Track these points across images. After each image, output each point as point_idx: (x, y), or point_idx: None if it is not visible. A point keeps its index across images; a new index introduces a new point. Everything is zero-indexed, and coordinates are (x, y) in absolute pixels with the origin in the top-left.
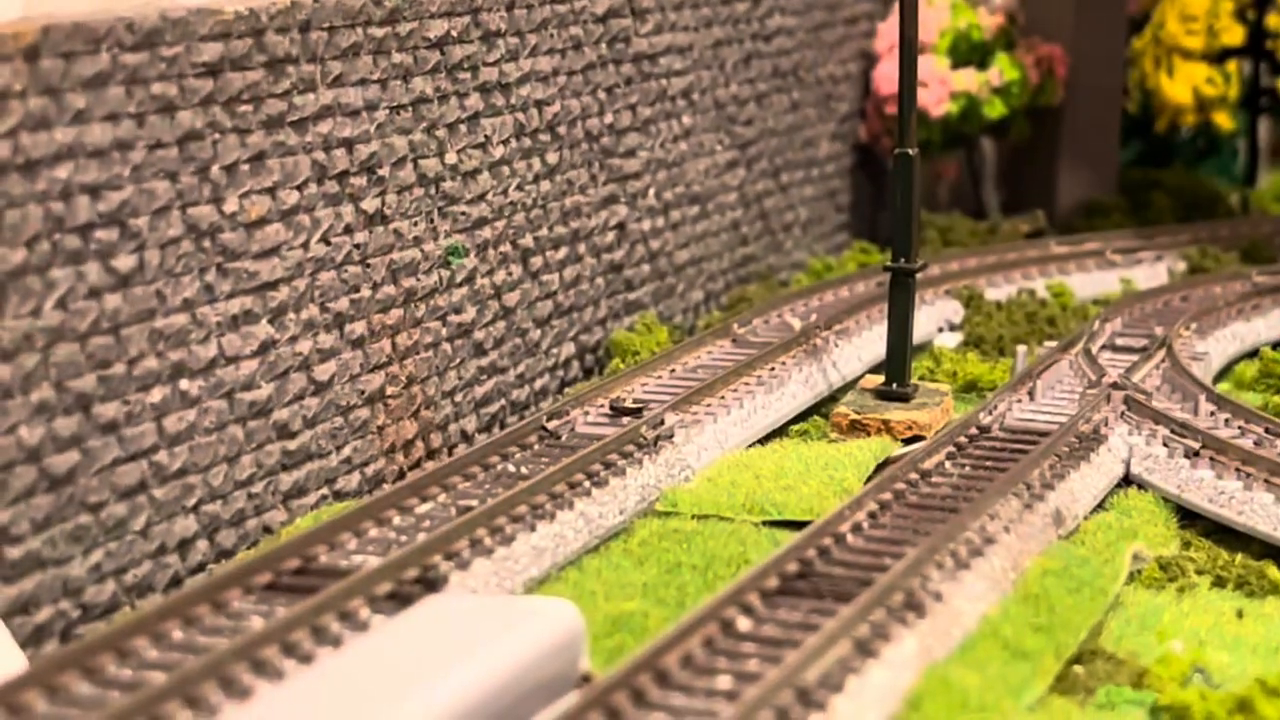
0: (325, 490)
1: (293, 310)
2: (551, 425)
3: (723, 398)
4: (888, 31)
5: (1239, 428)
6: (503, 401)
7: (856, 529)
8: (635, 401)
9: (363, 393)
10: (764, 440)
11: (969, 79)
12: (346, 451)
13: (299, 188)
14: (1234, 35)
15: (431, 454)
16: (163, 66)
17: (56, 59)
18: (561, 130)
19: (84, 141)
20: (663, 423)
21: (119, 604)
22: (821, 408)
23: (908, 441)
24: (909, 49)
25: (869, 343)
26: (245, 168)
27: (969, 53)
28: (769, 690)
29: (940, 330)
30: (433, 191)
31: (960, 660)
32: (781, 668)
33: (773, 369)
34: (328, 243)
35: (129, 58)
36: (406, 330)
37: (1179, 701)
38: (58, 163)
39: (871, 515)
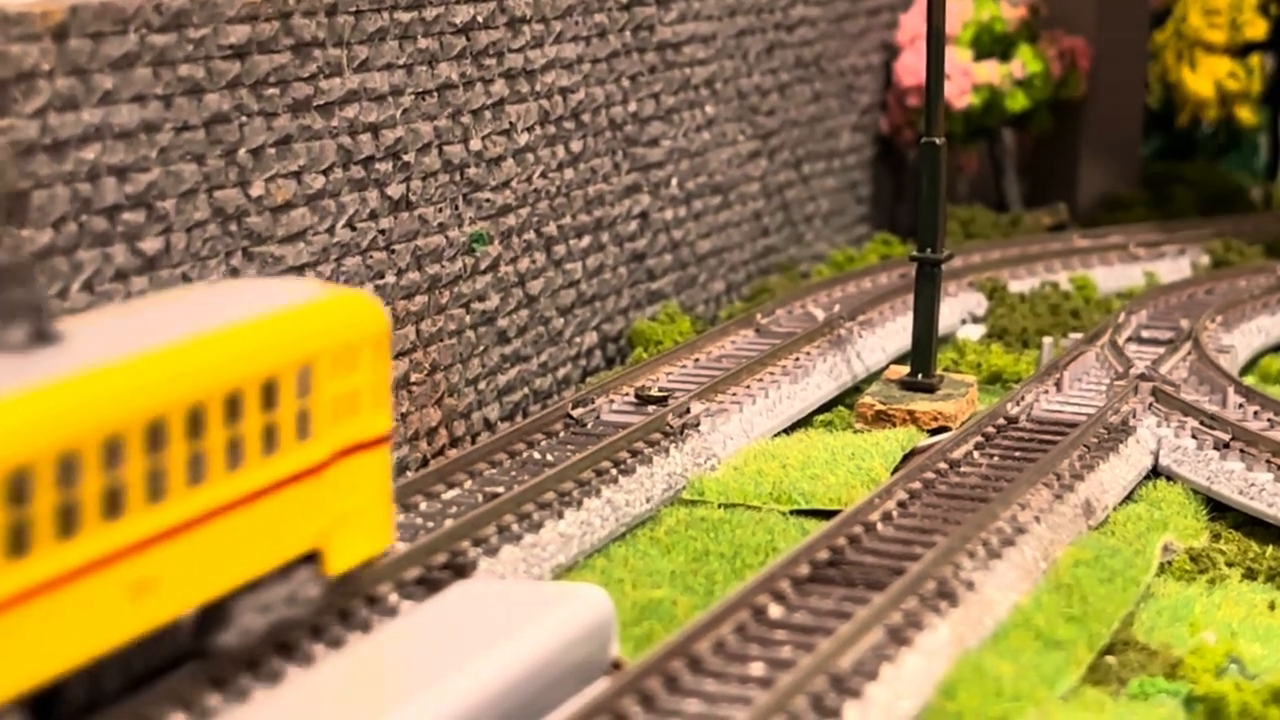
0: None
1: None
2: (577, 413)
3: (748, 387)
4: (909, 23)
5: (1268, 420)
6: (525, 390)
7: (887, 518)
8: (661, 390)
9: None
10: (789, 430)
11: (991, 71)
12: None
13: (325, 172)
14: (1257, 29)
15: (454, 441)
16: (190, 48)
17: (84, 39)
18: (586, 118)
19: (111, 122)
20: (688, 411)
21: None
22: (846, 398)
23: (934, 432)
24: (937, 39)
25: (893, 334)
26: (271, 151)
27: (992, 45)
28: (803, 677)
29: (964, 322)
30: (457, 178)
31: (993, 649)
32: (815, 655)
33: (797, 359)
34: (353, 228)
35: (157, 39)
36: (430, 317)
37: (1214, 692)
38: (85, 144)
39: (901, 504)
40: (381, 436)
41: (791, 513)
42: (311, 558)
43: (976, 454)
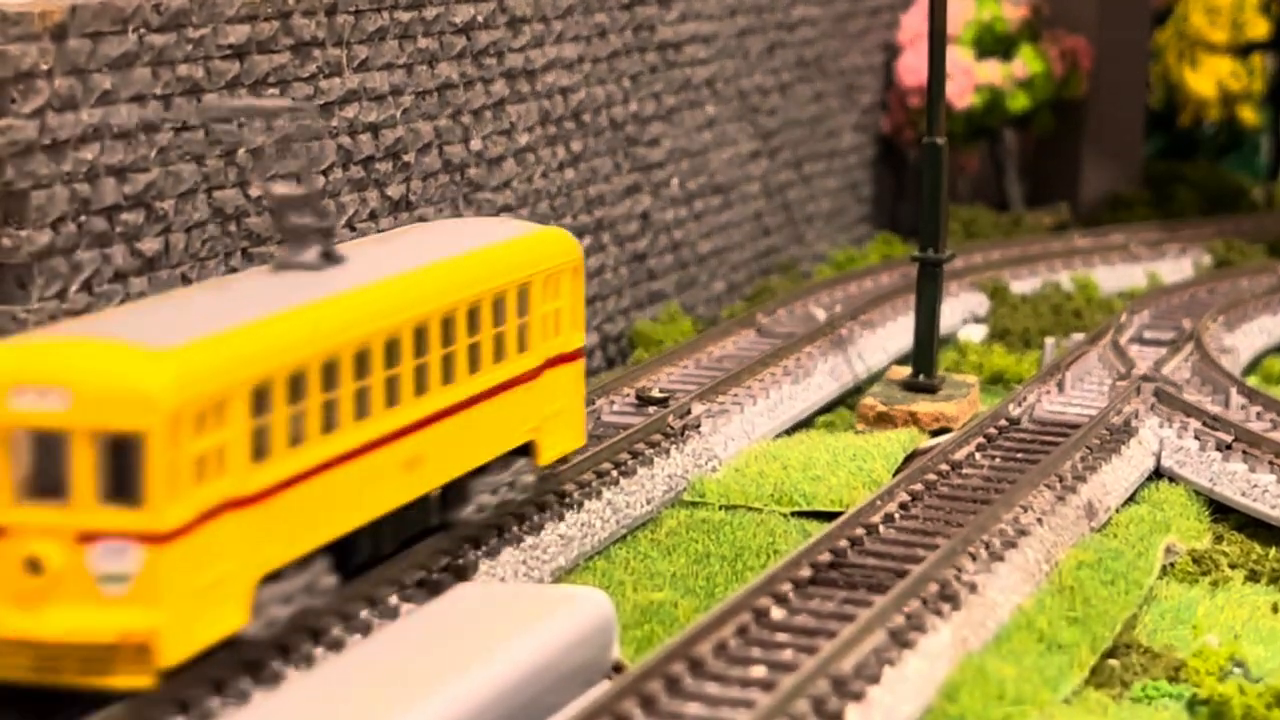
0: None
1: None
2: None
3: (749, 388)
4: (910, 23)
5: (1271, 421)
6: None
7: (888, 519)
8: (661, 391)
9: None
10: (791, 431)
11: (993, 71)
12: None
13: (325, 172)
14: (1259, 28)
15: None
16: (189, 48)
17: (83, 39)
18: (586, 118)
19: (110, 122)
20: (689, 412)
21: None
22: (848, 399)
23: (936, 433)
24: (938, 39)
25: (894, 334)
26: (271, 151)
27: (993, 45)
28: (805, 679)
29: (965, 322)
30: (458, 178)
31: (996, 651)
32: (817, 657)
33: (798, 360)
34: (352, 229)
35: (156, 39)
36: None
37: (1217, 695)
38: (84, 144)
39: (903, 506)
40: (577, 351)
41: (793, 514)
42: (526, 450)
43: (978, 455)
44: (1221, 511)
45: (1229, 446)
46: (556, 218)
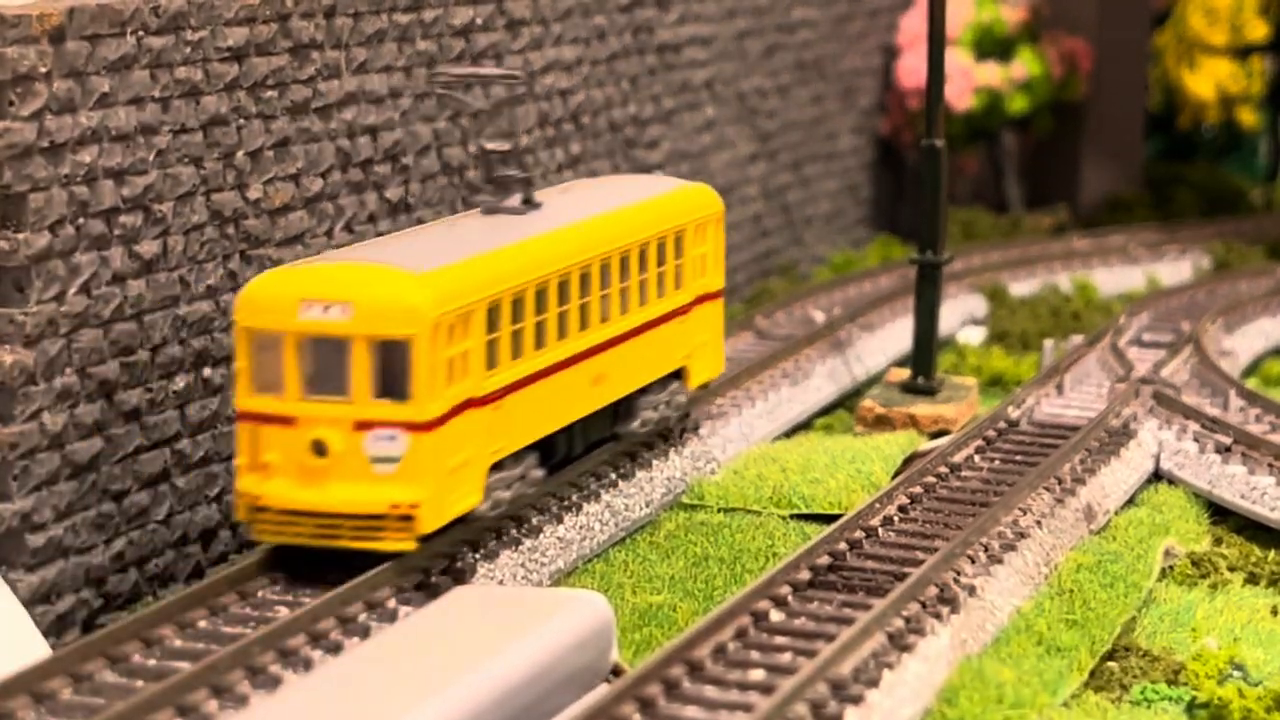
0: None
1: None
2: None
3: (748, 390)
4: (909, 25)
5: (1270, 423)
6: None
7: (887, 522)
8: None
9: None
10: (789, 433)
11: (992, 73)
12: None
13: (323, 175)
14: (1258, 31)
15: None
16: (188, 50)
17: (81, 41)
18: (585, 120)
19: (108, 125)
20: (688, 415)
21: (141, 593)
22: (846, 401)
23: (934, 436)
24: (937, 41)
25: (893, 336)
26: (269, 154)
27: (992, 47)
28: (804, 683)
29: (964, 325)
30: (456, 180)
31: (995, 655)
32: (815, 660)
33: (797, 362)
34: (351, 231)
35: (154, 41)
36: None
37: (1217, 698)
38: (82, 146)
39: (902, 509)
40: (719, 291)
41: (791, 517)
42: (679, 374)
43: (977, 458)
44: (1220, 514)
45: (1228, 449)
46: None
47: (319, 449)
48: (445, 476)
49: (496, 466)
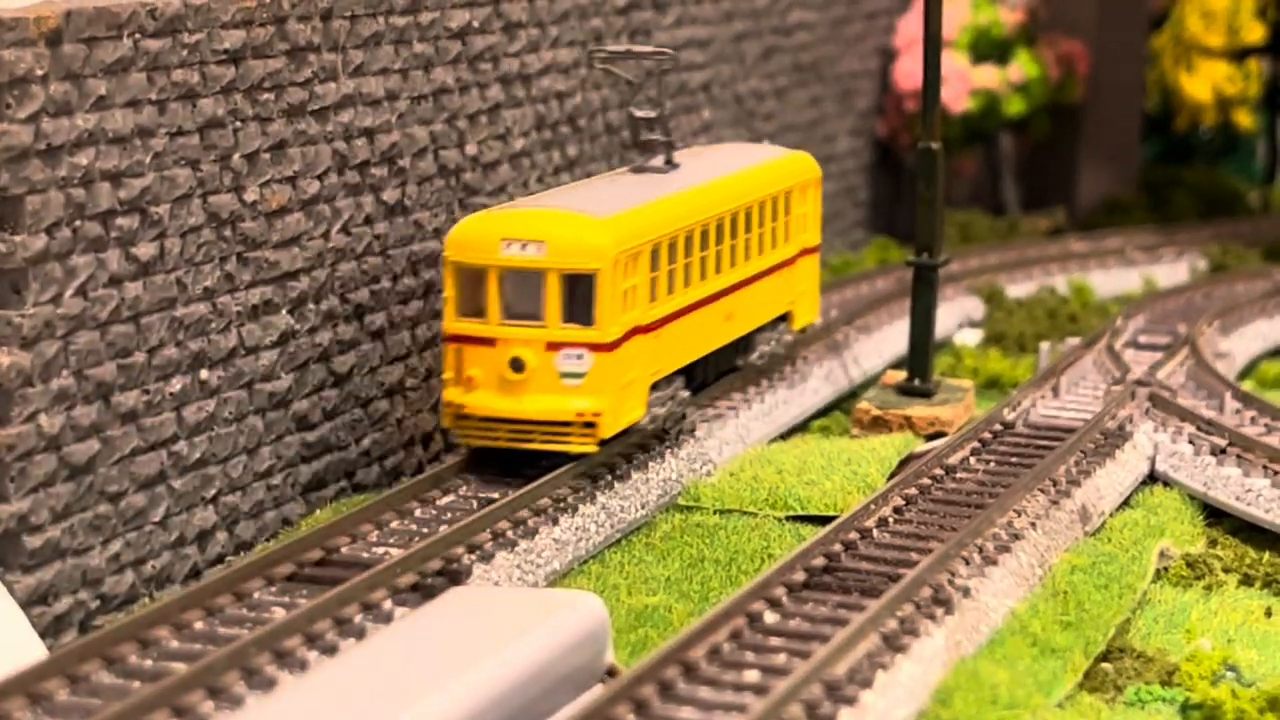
0: (344, 483)
1: (313, 301)
2: None
3: (744, 392)
4: (907, 27)
5: (1265, 425)
6: None
7: (882, 524)
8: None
9: (382, 385)
10: (786, 435)
11: (989, 76)
12: (366, 444)
13: (320, 177)
14: (1254, 33)
15: (450, 447)
16: (184, 53)
17: (78, 44)
18: (582, 123)
19: (105, 127)
20: (684, 416)
21: (138, 595)
22: (843, 403)
23: (930, 438)
24: (934, 43)
25: (890, 338)
26: (266, 156)
27: (989, 49)
28: (798, 684)
29: (961, 327)
30: (453, 183)
31: (989, 656)
32: (810, 662)
33: (794, 364)
34: (348, 233)
35: (151, 44)
36: (426, 322)
37: (1210, 699)
38: (79, 149)
39: (897, 510)
40: (816, 246)
41: (787, 518)
42: (785, 317)
43: (973, 460)
44: (1215, 516)
45: (1223, 451)
46: None
47: (517, 365)
48: (620, 391)
49: (654, 386)
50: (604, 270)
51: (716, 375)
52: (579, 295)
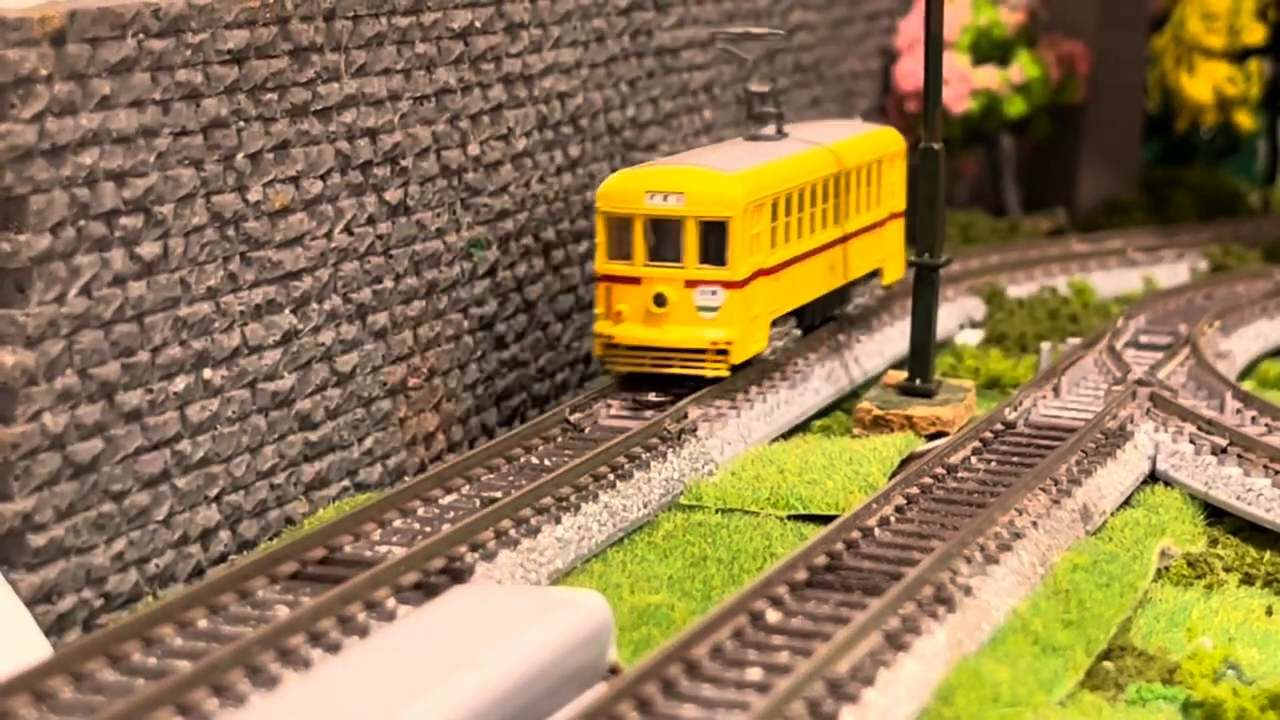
0: (347, 482)
1: (316, 300)
2: (575, 418)
3: (746, 392)
4: (908, 28)
5: (1266, 425)
6: (524, 395)
7: (884, 523)
8: (658, 396)
9: (384, 384)
10: (787, 435)
11: (990, 76)
12: (368, 443)
13: (323, 177)
14: (1255, 34)
15: (452, 447)
16: (188, 53)
17: (82, 44)
18: (584, 123)
19: (109, 127)
20: (686, 417)
21: (141, 593)
22: (844, 403)
23: (931, 437)
24: (935, 44)
25: (891, 339)
26: (269, 156)
27: (990, 50)
28: (800, 682)
29: (962, 327)
30: (455, 183)
31: (991, 654)
32: (812, 660)
33: (795, 364)
34: (351, 233)
35: (155, 44)
36: (429, 322)
37: (1211, 697)
38: (83, 148)
39: (898, 509)
40: (902, 212)
41: (789, 518)
42: (876, 273)
43: (974, 459)
44: (1216, 515)
45: (1224, 451)
46: (554, 222)
47: (659, 301)
48: (747, 324)
49: (774, 322)
50: (735, 218)
51: (821, 321)
52: (713, 240)
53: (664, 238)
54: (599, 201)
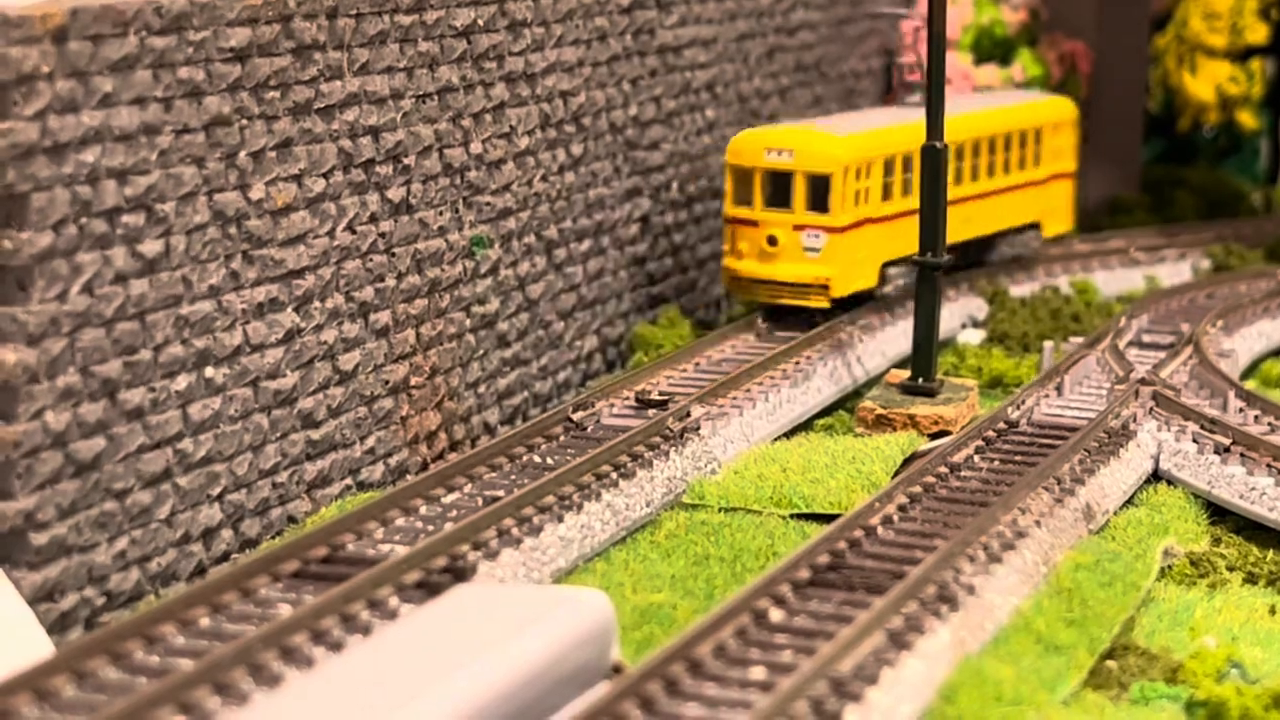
0: (349, 480)
1: (318, 299)
2: (577, 417)
3: (748, 391)
4: (910, 27)
5: (1269, 424)
6: (525, 394)
7: (887, 522)
8: (661, 394)
9: (387, 383)
10: (790, 434)
11: (991, 75)
12: (370, 442)
13: (325, 175)
14: (1257, 33)
15: (454, 445)
16: (190, 51)
17: (84, 41)
18: (586, 122)
19: (111, 125)
20: (689, 415)
21: (143, 592)
22: (846, 402)
23: (934, 436)
24: (937, 43)
25: (893, 338)
26: (272, 154)
27: (992, 49)
28: (804, 681)
29: (964, 326)
30: (458, 181)
31: (994, 653)
32: (815, 659)
33: (798, 363)
34: (353, 231)
35: (157, 41)
36: (431, 321)
37: (1215, 697)
38: (85, 146)
39: (901, 508)
40: (1071, 173)
41: (792, 517)
42: (1035, 226)
43: (977, 458)
44: (1219, 514)
45: (1227, 450)
46: (556, 221)
47: (772, 241)
48: (848, 264)
49: (889, 264)
50: (837, 174)
51: (965, 266)
52: (818, 191)
53: (777, 188)
54: (728, 155)
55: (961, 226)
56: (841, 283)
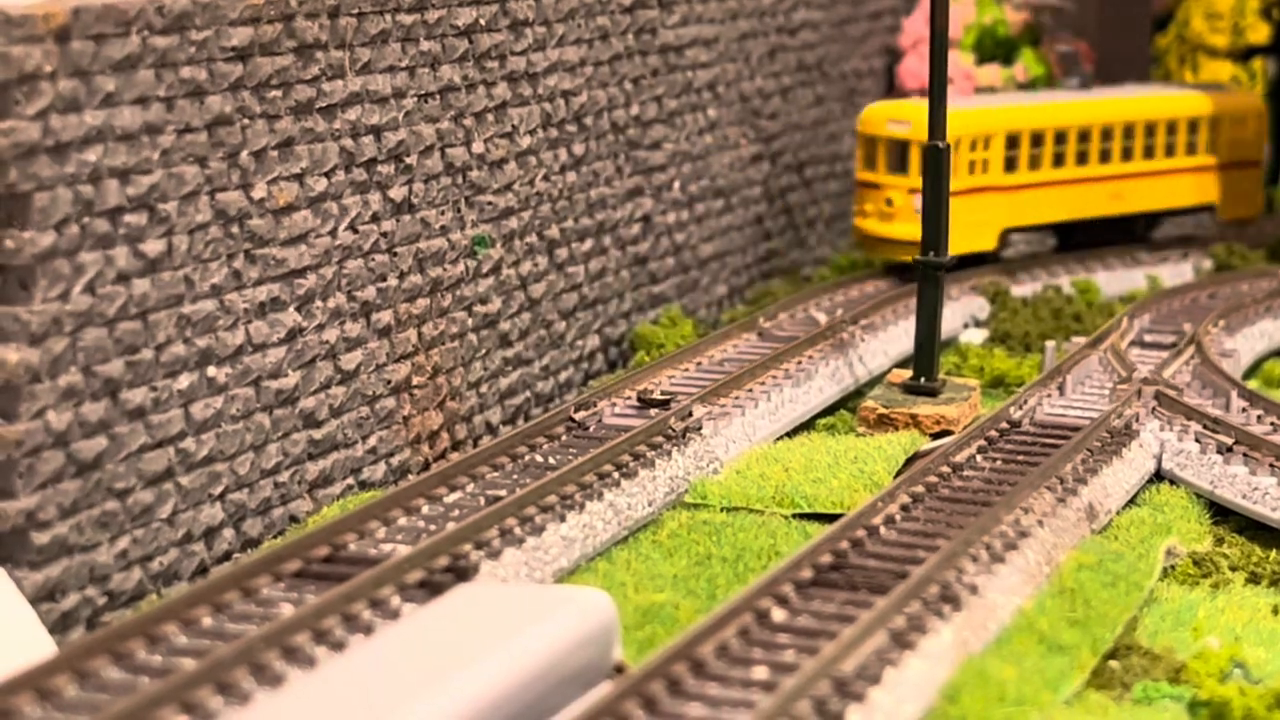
0: (351, 480)
1: (320, 298)
2: (579, 416)
3: (750, 391)
4: (912, 27)
5: (1271, 424)
6: (527, 393)
7: (889, 521)
8: (663, 394)
9: (389, 382)
10: (792, 433)
11: (993, 75)
12: (372, 441)
13: (327, 175)
14: (1259, 33)
15: (456, 445)
16: (192, 50)
17: (87, 41)
18: (588, 121)
19: (113, 124)
20: (691, 415)
21: (145, 591)
22: (848, 402)
23: (936, 436)
24: (939, 42)
25: (895, 337)
26: (274, 154)
27: (994, 48)
28: (806, 681)
29: (966, 326)
30: (460, 180)
31: (997, 653)
32: (818, 659)
33: (800, 363)
34: (355, 231)
35: (159, 41)
36: (432, 320)
37: (1218, 697)
38: (87, 146)
39: (904, 508)
40: (1256, 161)
41: (794, 516)
42: (1210, 209)
43: (979, 458)
44: (1222, 514)
45: (1230, 449)
46: (558, 220)
47: (889, 203)
48: (959, 227)
49: (1011, 231)
50: (950, 145)
51: (1099, 242)
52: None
53: (897, 155)
54: (858, 125)
55: (1082, 205)
56: (954, 243)
